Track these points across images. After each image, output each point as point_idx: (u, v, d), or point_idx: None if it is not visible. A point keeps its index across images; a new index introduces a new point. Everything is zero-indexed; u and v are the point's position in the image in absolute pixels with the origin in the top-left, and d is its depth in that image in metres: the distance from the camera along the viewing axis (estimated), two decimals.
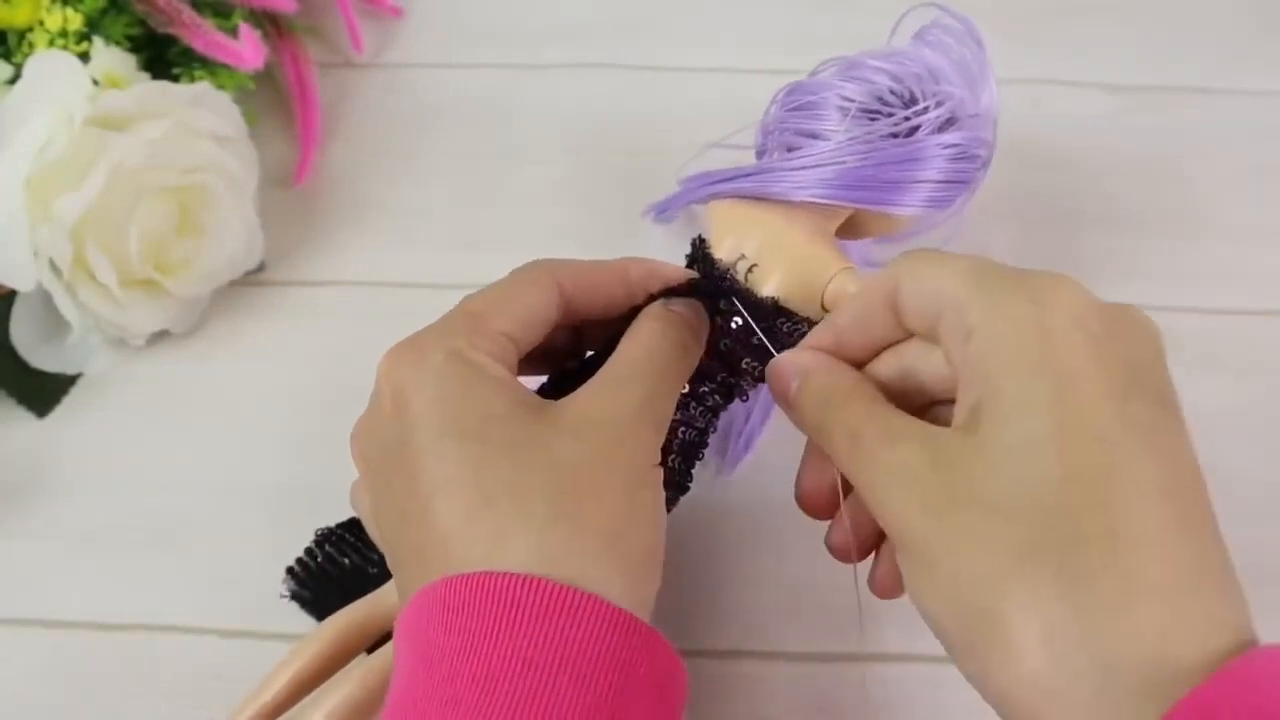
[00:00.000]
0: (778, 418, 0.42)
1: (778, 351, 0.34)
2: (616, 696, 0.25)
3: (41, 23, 0.43)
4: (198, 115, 0.43)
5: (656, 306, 0.32)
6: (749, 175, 0.36)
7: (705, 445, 0.34)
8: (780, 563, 0.39)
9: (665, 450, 0.32)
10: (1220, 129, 0.51)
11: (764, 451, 0.42)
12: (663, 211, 0.44)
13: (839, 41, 0.43)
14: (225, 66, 0.46)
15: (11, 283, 0.41)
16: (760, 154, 0.40)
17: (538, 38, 0.54)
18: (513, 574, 0.25)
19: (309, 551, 0.39)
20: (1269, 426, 0.42)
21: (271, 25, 0.51)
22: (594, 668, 0.25)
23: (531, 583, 0.25)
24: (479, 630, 0.25)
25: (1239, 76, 0.53)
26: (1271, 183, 0.50)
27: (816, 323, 0.35)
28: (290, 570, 0.39)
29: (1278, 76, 0.53)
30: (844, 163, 0.35)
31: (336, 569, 0.39)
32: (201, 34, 0.45)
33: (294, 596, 0.38)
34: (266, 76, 0.49)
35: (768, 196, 0.35)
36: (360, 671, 0.33)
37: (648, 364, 0.30)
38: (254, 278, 0.47)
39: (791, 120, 0.37)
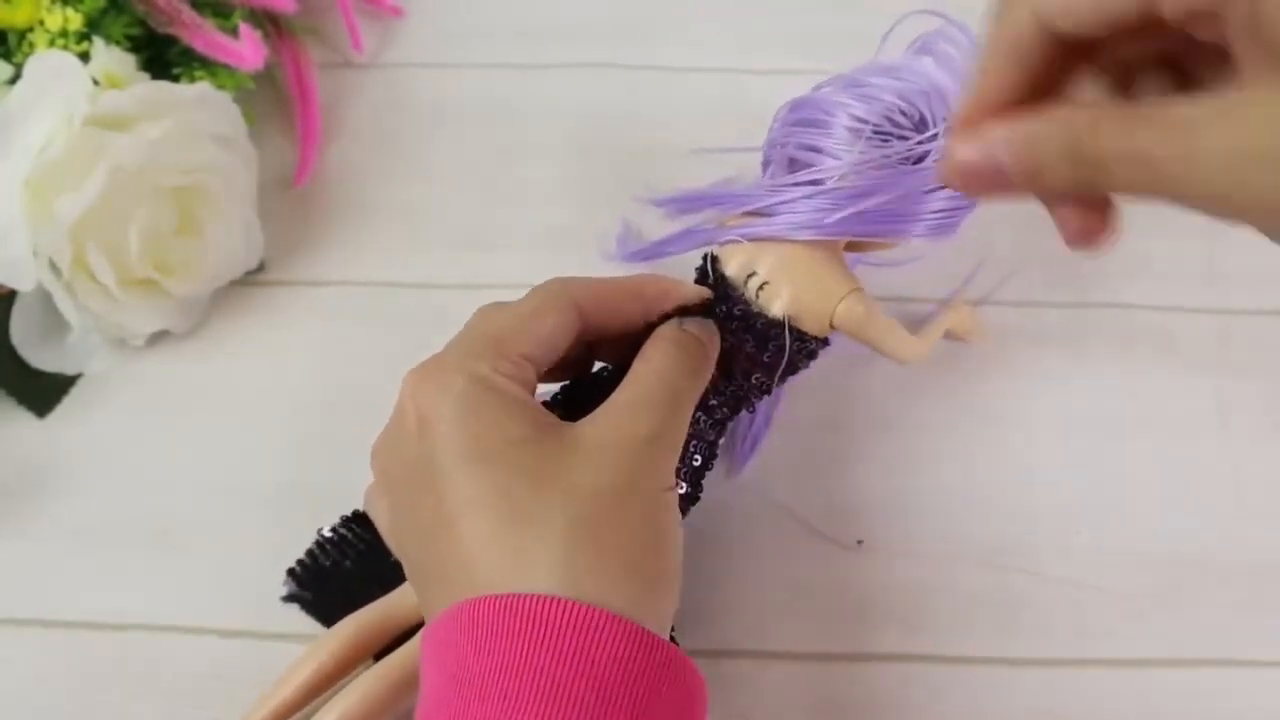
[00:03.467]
0: (780, 419, 0.42)
1: (787, 371, 0.35)
2: (640, 714, 0.25)
3: (41, 23, 0.43)
4: (198, 115, 0.43)
5: (671, 327, 0.33)
6: (750, 216, 0.36)
7: (715, 456, 0.35)
8: (779, 563, 0.39)
9: (679, 464, 0.32)
10: None
11: (764, 452, 0.42)
12: (650, 258, 0.42)
13: (839, 41, 0.44)
14: (225, 66, 0.46)
15: (11, 283, 0.41)
16: (765, 168, 0.40)
17: (538, 38, 0.54)
18: (540, 595, 0.26)
19: (310, 553, 0.39)
20: (1270, 426, 0.42)
21: (271, 25, 0.51)
22: (618, 687, 0.25)
23: (558, 604, 0.26)
24: (507, 649, 0.25)
25: None
26: None
27: (826, 341, 0.36)
28: (291, 571, 0.39)
29: None
30: (844, 199, 0.35)
31: (338, 570, 0.39)
32: (201, 34, 0.45)
33: (294, 598, 0.38)
34: (266, 77, 0.49)
35: (776, 237, 0.35)
36: (373, 676, 0.33)
37: (662, 388, 0.31)
38: (254, 278, 0.47)
39: (797, 136, 0.37)
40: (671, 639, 0.33)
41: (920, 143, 0.35)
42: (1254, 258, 0.47)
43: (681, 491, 0.33)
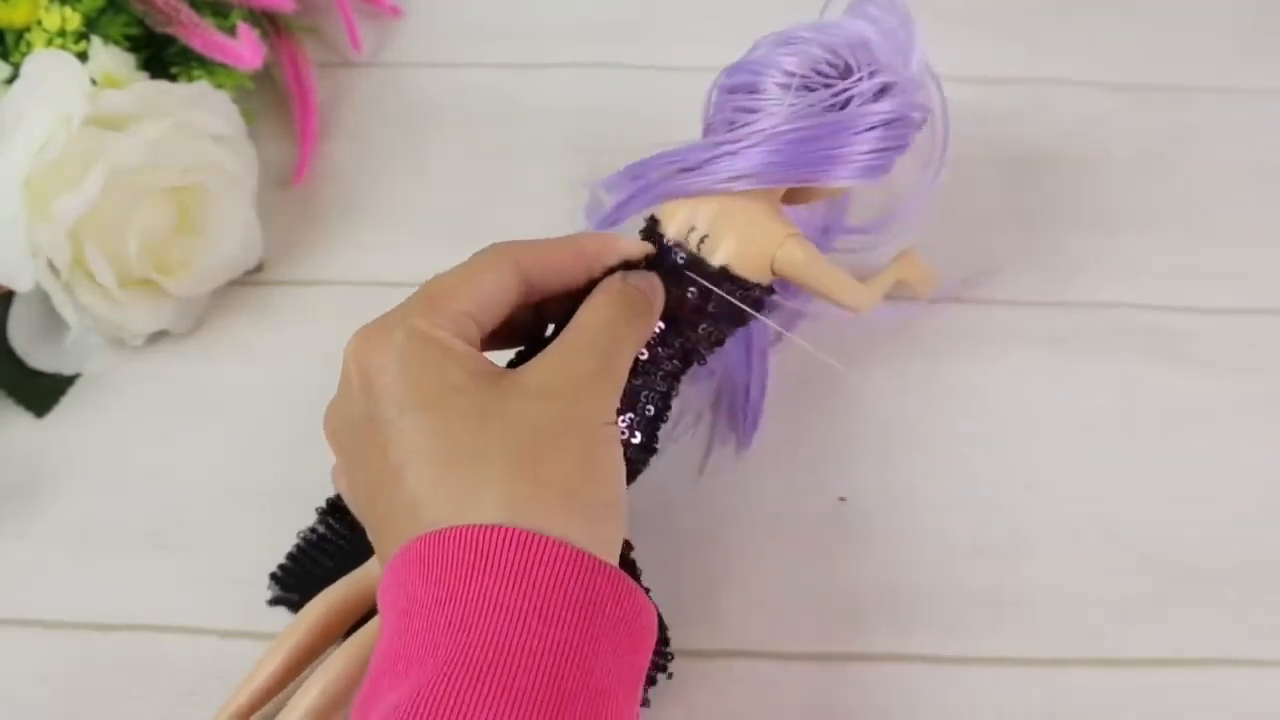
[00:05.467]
0: (777, 421, 0.42)
1: (729, 317, 0.35)
2: (584, 634, 0.26)
3: (40, 22, 0.43)
4: (196, 115, 0.43)
5: (613, 280, 0.34)
6: (689, 171, 0.37)
7: (669, 409, 0.36)
8: (777, 563, 0.39)
9: (631, 414, 0.34)
10: (1220, 129, 0.51)
11: (762, 452, 0.42)
12: (612, 223, 0.44)
13: None
14: (224, 66, 0.46)
15: (10, 283, 0.41)
16: (706, 133, 0.40)
17: (538, 37, 0.54)
18: (482, 526, 0.26)
19: (291, 555, 0.39)
20: (1269, 427, 0.43)
21: (270, 25, 0.51)
22: (561, 607, 0.26)
23: (499, 532, 0.26)
24: (452, 579, 0.26)
25: (1239, 75, 0.53)
26: (1271, 183, 0.50)
27: (766, 287, 0.37)
28: (274, 575, 0.39)
29: (1277, 75, 0.53)
30: (775, 145, 0.36)
31: (321, 569, 0.39)
32: (200, 33, 0.45)
33: (280, 601, 0.38)
34: (265, 76, 0.49)
35: (710, 192, 0.36)
36: (345, 651, 0.33)
37: (601, 332, 0.32)
38: (252, 277, 0.47)
39: (732, 100, 0.38)
40: (638, 581, 0.33)
41: (842, 90, 0.36)
42: (1253, 258, 0.47)
43: (636, 441, 0.34)
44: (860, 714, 0.37)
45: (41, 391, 0.43)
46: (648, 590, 0.31)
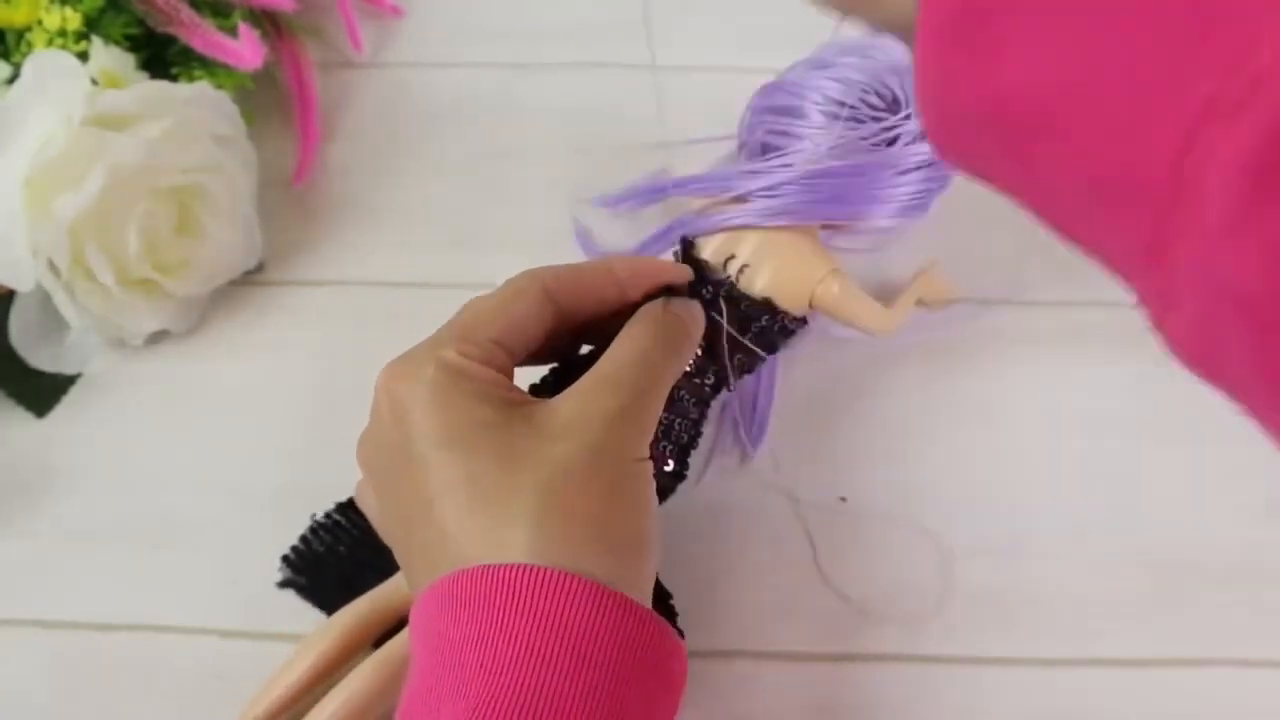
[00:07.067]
0: (781, 422, 0.42)
1: (766, 350, 0.35)
2: (615, 676, 0.26)
3: (40, 22, 0.43)
4: (197, 115, 0.43)
5: (655, 307, 0.33)
6: (733, 208, 0.37)
7: (700, 434, 0.35)
8: (779, 563, 0.39)
9: (664, 442, 0.33)
10: None
11: (766, 453, 0.42)
12: (649, 249, 0.43)
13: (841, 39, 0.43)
14: (224, 66, 0.46)
15: (10, 283, 0.41)
16: (740, 153, 0.40)
17: (538, 37, 0.54)
18: (511, 565, 0.26)
19: (304, 539, 0.39)
20: None
21: (271, 25, 0.51)
22: (591, 648, 0.26)
23: (529, 571, 0.26)
24: (481, 619, 0.26)
25: None
26: None
27: (801, 318, 0.36)
28: (286, 558, 0.39)
29: None
30: (818, 181, 0.36)
31: (333, 555, 0.39)
32: (200, 33, 0.45)
33: (290, 584, 0.39)
34: (266, 76, 0.49)
35: (751, 225, 0.36)
36: (371, 664, 0.33)
37: (638, 366, 0.31)
38: (253, 278, 0.47)
39: (767, 122, 0.38)
40: (670, 620, 0.33)
41: (890, 127, 0.36)
42: None
43: (668, 469, 0.34)
44: (862, 714, 0.37)
45: (41, 391, 0.43)
46: (681, 633, 0.31)
